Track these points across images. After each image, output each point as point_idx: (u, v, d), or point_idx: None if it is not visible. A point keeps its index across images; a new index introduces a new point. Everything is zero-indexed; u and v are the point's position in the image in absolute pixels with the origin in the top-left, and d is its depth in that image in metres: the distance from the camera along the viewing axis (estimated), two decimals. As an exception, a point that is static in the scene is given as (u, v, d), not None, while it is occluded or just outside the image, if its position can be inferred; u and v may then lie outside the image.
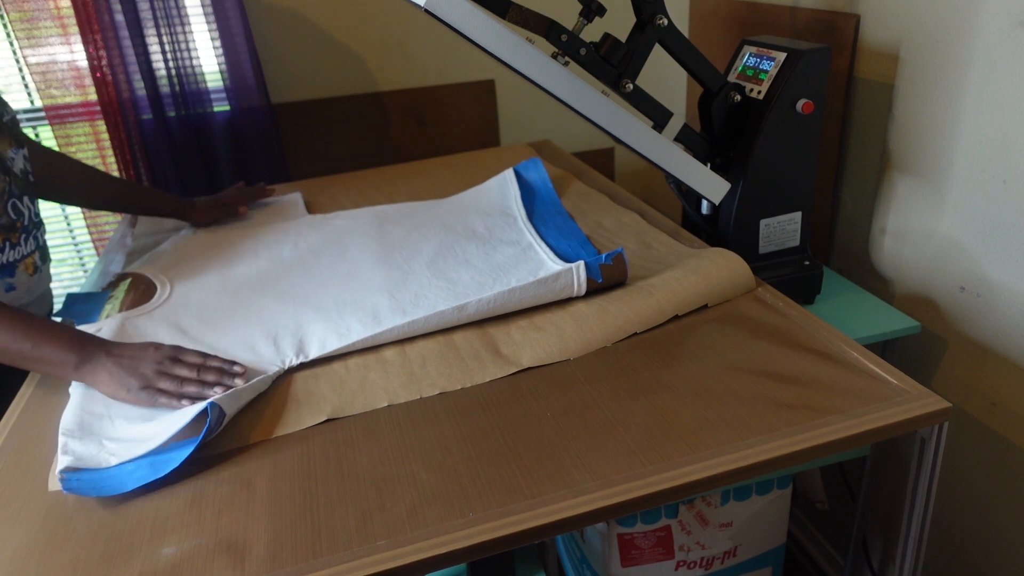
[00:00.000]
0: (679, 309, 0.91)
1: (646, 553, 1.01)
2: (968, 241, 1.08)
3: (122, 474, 0.69)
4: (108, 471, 0.69)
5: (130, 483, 0.68)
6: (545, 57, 0.91)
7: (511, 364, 0.83)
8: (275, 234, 1.22)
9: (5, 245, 0.97)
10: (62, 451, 0.71)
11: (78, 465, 0.69)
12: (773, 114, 1.01)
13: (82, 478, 0.68)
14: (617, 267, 0.93)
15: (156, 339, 0.91)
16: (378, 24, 1.65)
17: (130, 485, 0.68)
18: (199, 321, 0.96)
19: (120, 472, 0.69)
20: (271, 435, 0.75)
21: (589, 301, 0.92)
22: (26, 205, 1.01)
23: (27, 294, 1.02)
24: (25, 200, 1.01)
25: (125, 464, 0.70)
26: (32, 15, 1.42)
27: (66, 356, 0.79)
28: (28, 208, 1.01)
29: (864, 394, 0.74)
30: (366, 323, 0.91)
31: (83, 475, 0.68)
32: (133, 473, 0.69)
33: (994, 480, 1.12)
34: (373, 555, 0.59)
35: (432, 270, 1.04)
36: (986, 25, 0.99)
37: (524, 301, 0.91)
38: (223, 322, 0.95)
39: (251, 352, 0.87)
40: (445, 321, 0.89)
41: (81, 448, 0.71)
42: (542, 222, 1.18)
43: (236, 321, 0.95)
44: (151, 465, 0.69)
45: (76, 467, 0.69)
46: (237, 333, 0.92)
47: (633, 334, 0.88)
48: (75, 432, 0.74)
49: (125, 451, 0.71)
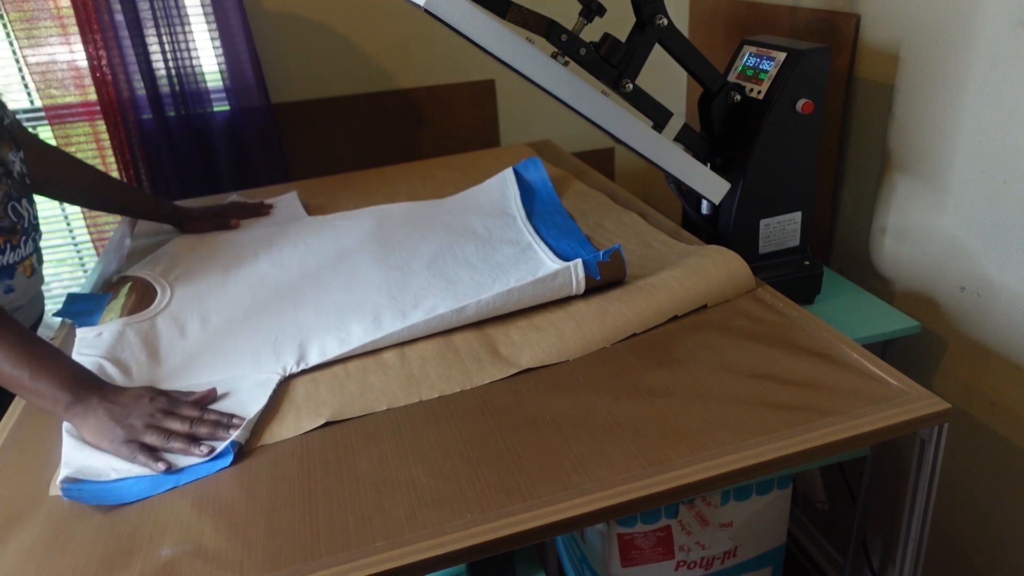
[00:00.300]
0: (679, 309, 0.91)
1: (646, 553, 1.01)
2: (968, 241, 1.08)
3: (122, 488, 0.69)
4: (108, 484, 0.69)
5: (130, 496, 0.68)
6: (545, 57, 0.91)
7: (510, 365, 0.83)
8: (275, 236, 1.22)
9: (6, 247, 0.97)
10: (65, 459, 0.71)
11: (80, 476, 0.69)
12: (773, 114, 1.01)
13: (83, 488, 0.68)
14: (615, 264, 0.93)
15: (157, 346, 0.91)
16: (378, 24, 1.65)
17: (130, 498, 0.68)
18: (200, 326, 0.95)
19: (121, 486, 0.69)
20: (271, 440, 0.74)
21: (588, 301, 0.92)
22: (25, 208, 1.01)
23: (23, 296, 1.02)
24: (24, 203, 1.01)
25: (126, 479, 0.70)
26: (32, 15, 1.42)
27: (60, 394, 0.75)
28: (27, 211, 1.01)
29: (864, 395, 0.74)
30: (366, 326, 0.91)
31: (84, 486, 0.69)
32: (133, 487, 0.69)
33: (994, 480, 1.12)
34: (372, 556, 0.59)
35: (432, 270, 1.03)
36: (986, 25, 0.99)
37: (523, 301, 0.91)
38: (223, 327, 0.95)
39: (251, 360, 0.87)
40: (444, 324, 0.89)
41: (82, 460, 0.71)
42: (541, 222, 1.18)
43: (236, 326, 0.95)
44: (152, 480, 0.70)
45: (77, 478, 0.69)
46: (237, 339, 0.91)
47: (632, 334, 0.88)
48: (78, 439, 0.74)
49: (126, 467, 0.71)
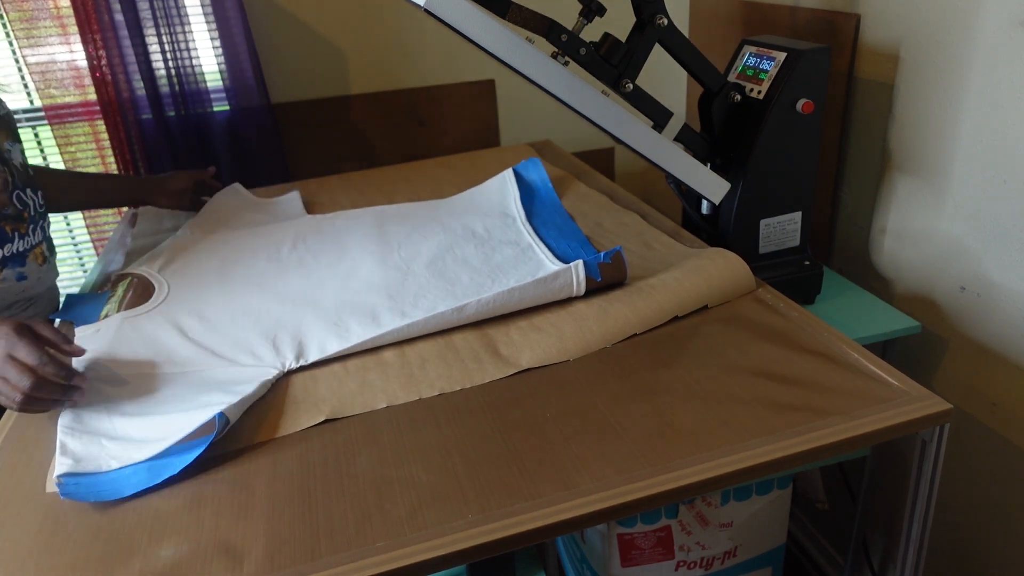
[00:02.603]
0: (679, 310, 0.91)
1: (646, 553, 1.01)
2: (968, 241, 1.08)
3: (120, 479, 0.68)
4: (106, 475, 0.69)
5: (127, 488, 0.68)
6: (545, 57, 0.91)
7: (510, 365, 0.83)
8: (274, 234, 1.22)
9: (15, 235, 0.98)
10: (60, 452, 0.70)
11: (76, 469, 0.69)
12: (773, 114, 1.01)
13: (80, 482, 0.68)
14: (616, 265, 0.93)
15: (155, 340, 0.91)
16: (378, 24, 1.65)
17: (127, 491, 0.67)
18: (198, 322, 0.95)
19: (118, 476, 0.69)
20: (269, 437, 0.74)
21: (589, 301, 0.92)
22: (30, 196, 1.02)
23: (38, 284, 1.03)
24: (28, 192, 1.01)
25: (123, 468, 0.69)
26: (32, 15, 1.42)
27: None
28: (32, 199, 1.02)
29: (865, 395, 0.74)
30: (365, 325, 0.91)
31: (81, 479, 0.68)
32: (131, 478, 0.68)
33: (994, 480, 1.12)
34: (372, 556, 0.59)
35: (431, 271, 1.03)
36: (986, 25, 0.99)
37: (523, 301, 0.91)
38: (222, 323, 0.95)
39: (250, 355, 0.87)
40: (444, 322, 0.89)
41: (80, 448, 0.71)
42: (542, 223, 1.18)
43: (235, 322, 0.94)
44: (149, 470, 0.69)
45: (75, 471, 0.68)
46: (236, 335, 0.91)
47: (633, 335, 0.88)
48: (74, 429, 0.74)
49: (126, 454, 0.71)
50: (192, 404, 0.77)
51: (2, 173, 0.97)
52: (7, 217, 0.97)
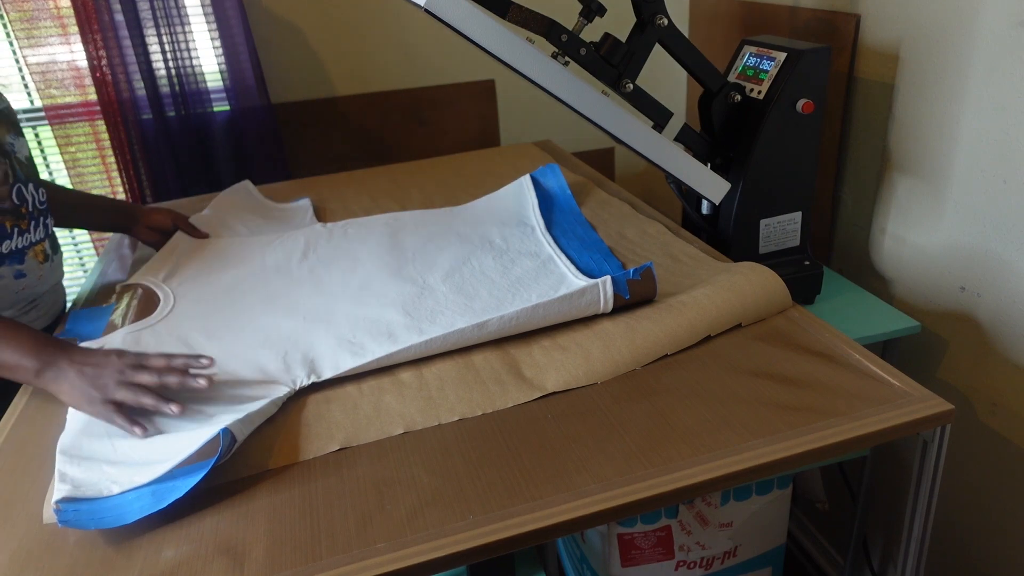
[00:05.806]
0: (712, 329, 0.86)
1: (646, 553, 1.01)
2: (968, 241, 1.08)
3: (123, 504, 0.65)
4: (108, 501, 0.65)
5: (131, 515, 0.64)
6: (545, 57, 0.90)
7: (535, 388, 0.78)
8: (284, 244, 1.18)
9: (13, 231, 0.96)
10: (59, 478, 0.67)
11: (76, 494, 0.65)
12: (773, 114, 1.01)
13: (80, 509, 0.64)
14: (646, 283, 0.88)
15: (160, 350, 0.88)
16: (378, 24, 1.65)
17: (131, 517, 0.64)
18: (205, 337, 0.91)
19: (121, 502, 0.65)
20: (279, 464, 0.71)
21: (615, 319, 0.87)
22: (31, 192, 1.00)
23: (40, 283, 1.01)
24: (30, 187, 1.00)
25: (126, 493, 0.66)
26: (32, 15, 1.42)
27: (26, 362, 0.74)
28: (32, 195, 1.00)
29: (866, 396, 0.74)
30: (380, 341, 0.86)
31: (81, 506, 0.64)
32: (134, 503, 0.65)
33: (995, 480, 1.12)
34: (373, 558, 0.59)
35: (448, 284, 0.99)
36: (986, 25, 0.99)
37: (547, 318, 0.86)
38: (230, 338, 0.91)
39: (260, 372, 0.83)
40: (464, 339, 0.84)
41: (80, 474, 0.68)
42: (562, 232, 1.13)
43: (244, 337, 0.91)
44: (153, 494, 0.65)
45: (74, 496, 0.65)
46: (246, 351, 0.87)
47: (664, 355, 0.83)
48: (74, 454, 0.70)
49: (127, 478, 0.67)
50: (196, 422, 0.74)
51: (2, 165, 0.96)
52: (5, 212, 0.95)
